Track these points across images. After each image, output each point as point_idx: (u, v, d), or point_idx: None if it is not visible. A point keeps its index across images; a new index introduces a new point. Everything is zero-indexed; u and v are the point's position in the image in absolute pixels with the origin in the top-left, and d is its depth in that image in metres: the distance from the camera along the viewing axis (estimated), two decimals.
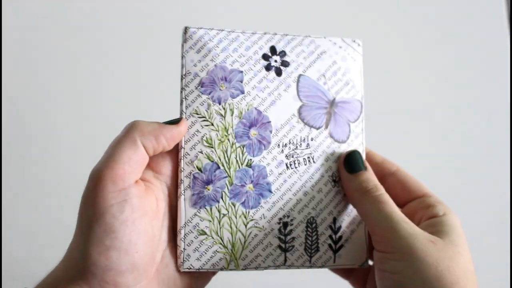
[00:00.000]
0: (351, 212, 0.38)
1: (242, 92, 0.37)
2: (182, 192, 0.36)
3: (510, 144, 0.65)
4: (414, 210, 0.38)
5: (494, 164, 0.65)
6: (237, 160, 0.37)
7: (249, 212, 0.36)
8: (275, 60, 0.38)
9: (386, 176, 0.40)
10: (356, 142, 0.39)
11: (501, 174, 0.64)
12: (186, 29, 0.37)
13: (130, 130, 0.34)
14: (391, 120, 0.63)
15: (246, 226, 0.36)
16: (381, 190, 0.36)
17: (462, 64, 0.67)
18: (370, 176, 0.37)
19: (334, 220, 0.38)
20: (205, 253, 0.36)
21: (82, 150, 0.60)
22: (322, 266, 0.38)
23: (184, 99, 0.37)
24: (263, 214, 0.37)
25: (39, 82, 0.65)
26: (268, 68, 0.38)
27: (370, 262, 0.39)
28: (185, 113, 0.36)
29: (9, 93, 0.64)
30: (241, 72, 0.37)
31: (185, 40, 0.37)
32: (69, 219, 0.56)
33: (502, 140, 0.65)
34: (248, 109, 0.37)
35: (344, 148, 0.39)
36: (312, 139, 0.38)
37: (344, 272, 0.42)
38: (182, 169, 0.36)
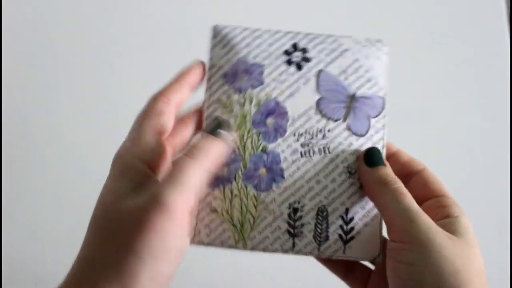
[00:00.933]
0: (366, 205, 0.38)
1: (262, 84, 0.39)
2: None
3: (510, 144, 0.64)
4: (429, 208, 0.37)
5: (494, 164, 0.64)
6: (252, 146, 0.38)
7: (260, 194, 0.37)
8: (297, 56, 0.40)
9: (411, 174, 0.39)
10: (376, 137, 0.39)
11: (501, 174, 0.64)
12: (214, 27, 0.41)
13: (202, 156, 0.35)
14: (390, 120, 0.63)
15: (256, 208, 0.37)
16: (400, 183, 0.36)
17: (462, 64, 0.67)
18: (389, 171, 0.37)
19: (347, 211, 0.37)
20: (215, 230, 0.37)
21: (83, 150, 0.62)
22: (331, 256, 0.37)
23: (208, 89, 0.40)
24: (274, 198, 0.37)
25: (39, 82, 0.66)
26: (289, 62, 0.40)
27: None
28: (208, 101, 0.39)
29: (9, 93, 0.66)
30: (262, 65, 0.40)
31: (213, 36, 0.41)
32: (69, 219, 0.59)
33: (502, 140, 0.65)
34: (266, 99, 0.39)
35: (363, 141, 0.39)
36: (329, 130, 0.38)
37: (343, 272, 0.41)
38: None
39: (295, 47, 0.40)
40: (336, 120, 0.39)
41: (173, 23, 0.70)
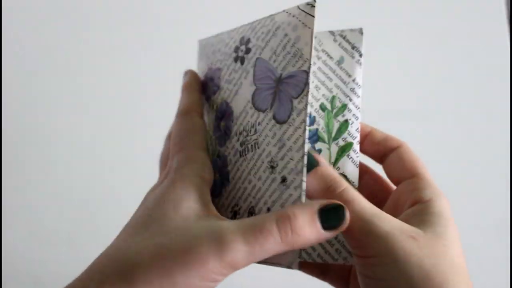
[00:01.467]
0: (286, 204, 0.32)
1: (219, 88, 0.39)
2: None
3: (510, 144, 0.65)
4: (402, 192, 0.34)
5: (494, 164, 0.65)
6: (212, 151, 0.39)
7: (215, 201, 0.38)
8: (241, 50, 0.38)
9: (387, 153, 0.36)
10: (298, 120, 0.33)
11: (501, 174, 0.64)
12: (198, 42, 0.43)
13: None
14: (390, 120, 0.59)
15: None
16: (342, 185, 0.32)
17: (461, 64, 0.68)
18: (325, 171, 0.33)
19: (268, 210, 0.33)
20: None
21: (83, 150, 0.61)
22: (258, 261, 0.33)
23: None
24: (223, 203, 0.37)
25: (39, 82, 0.66)
26: (236, 59, 0.38)
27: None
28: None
29: (9, 93, 0.65)
30: (220, 69, 0.40)
31: (198, 50, 0.43)
32: (69, 220, 0.60)
33: (502, 140, 0.66)
34: (220, 103, 0.39)
35: (285, 129, 0.33)
36: (259, 124, 0.35)
37: (319, 271, 0.37)
38: None
39: (241, 40, 0.38)
40: (264, 110, 0.35)
41: (173, 23, 0.69)
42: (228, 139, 0.38)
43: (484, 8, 0.69)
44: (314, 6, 0.34)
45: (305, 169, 0.32)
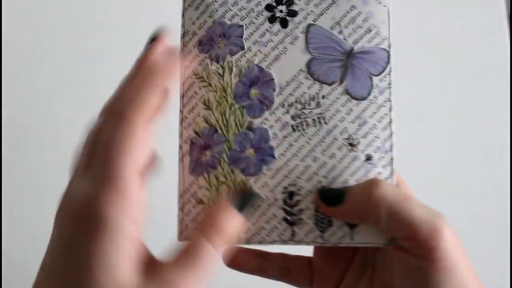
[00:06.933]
0: None
1: (242, 48, 0.33)
2: (181, 158, 0.34)
3: (510, 144, 0.64)
4: None
5: (494, 164, 0.64)
6: (236, 123, 0.33)
7: (250, 179, 0.33)
8: (280, 10, 0.34)
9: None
10: (381, 99, 0.33)
11: (501, 174, 0.64)
12: None
13: None
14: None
15: None
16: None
17: (461, 65, 0.66)
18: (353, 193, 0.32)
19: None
20: None
21: None
22: (337, 243, 0.32)
23: (182, 61, 0.34)
24: (266, 182, 0.33)
25: (40, 82, 0.65)
26: (272, 20, 0.34)
27: None
28: (184, 75, 0.34)
29: (9, 93, 0.64)
30: (241, 26, 0.34)
31: None
32: None
33: (502, 140, 0.64)
34: (248, 67, 0.33)
35: (365, 105, 0.33)
36: (323, 97, 0.33)
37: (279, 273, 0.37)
38: (181, 134, 0.34)
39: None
40: (331, 84, 0.33)
41: (172, 23, 0.66)
42: (266, 109, 0.33)
43: (484, 8, 0.69)
44: None
45: (394, 149, 0.32)
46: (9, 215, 0.61)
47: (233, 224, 0.30)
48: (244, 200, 0.31)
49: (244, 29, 0.34)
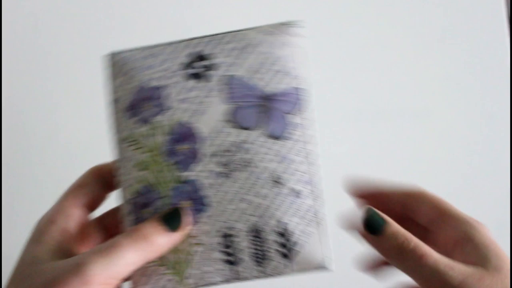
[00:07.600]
0: (299, 210, 0.35)
1: (169, 108, 0.36)
2: (124, 218, 0.36)
3: (510, 144, 0.64)
4: (436, 236, 0.36)
5: (494, 164, 0.65)
6: (170, 179, 0.35)
7: (192, 231, 0.35)
8: (203, 66, 0.36)
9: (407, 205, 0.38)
10: (297, 134, 0.35)
11: (501, 174, 0.64)
12: (111, 55, 0.37)
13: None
14: (389, 120, 0.62)
15: (188, 244, 0.35)
16: (413, 240, 0.33)
17: (461, 64, 0.67)
18: (393, 229, 0.34)
19: (278, 223, 0.34)
20: (152, 277, 0.35)
21: (83, 150, 0.61)
22: (279, 275, 0.34)
23: (113, 128, 0.37)
24: (204, 229, 0.35)
25: (40, 82, 0.65)
26: (196, 76, 0.36)
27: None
28: (116, 141, 0.36)
29: (9, 93, 0.65)
30: (166, 87, 0.36)
31: (111, 65, 0.37)
32: None
33: (502, 140, 0.65)
34: (175, 124, 0.36)
35: (281, 143, 0.35)
36: (247, 142, 0.35)
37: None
38: (121, 196, 0.36)
39: (199, 56, 0.36)
40: (252, 128, 0.35)
41: (173, 24, 0.67)
42: (196, 162, 0.35)
43: (484, 8, 0.68)
44: (301, 28, 0.36)
45: (318, 178, 0.35)
46: (9, 215, 0.62)
47: (159, 239, 0.33)
48: (173, 219, 0.34)
49: (169, 89, 0.36)
